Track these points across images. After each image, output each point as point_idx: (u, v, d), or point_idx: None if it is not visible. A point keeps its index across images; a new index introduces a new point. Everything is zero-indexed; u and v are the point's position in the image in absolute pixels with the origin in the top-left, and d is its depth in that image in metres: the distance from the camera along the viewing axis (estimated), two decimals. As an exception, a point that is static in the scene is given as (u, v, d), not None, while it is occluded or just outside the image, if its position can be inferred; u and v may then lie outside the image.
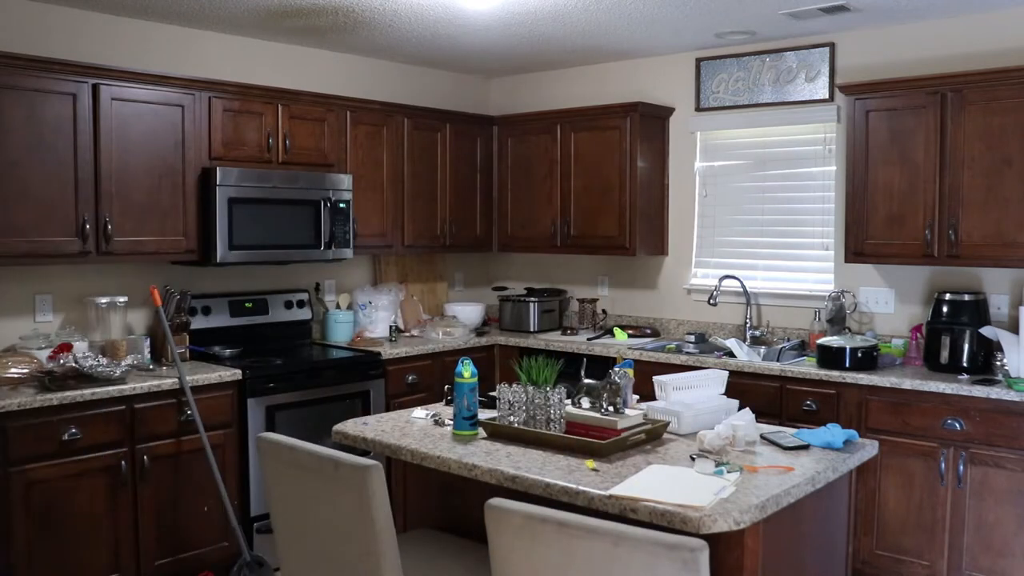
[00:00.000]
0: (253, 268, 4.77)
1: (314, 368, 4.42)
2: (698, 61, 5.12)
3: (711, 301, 4.88)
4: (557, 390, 2.79)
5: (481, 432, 2.86)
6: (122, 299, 4.16)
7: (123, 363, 3.80)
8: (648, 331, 5.22)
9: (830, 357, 4.12)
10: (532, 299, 5.46)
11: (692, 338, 4.84)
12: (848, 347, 4.08)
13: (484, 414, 2.95)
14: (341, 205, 4.66)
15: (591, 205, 5.21)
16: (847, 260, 4.35)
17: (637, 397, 3.07)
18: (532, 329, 5.42)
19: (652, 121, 5.18)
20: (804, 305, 4.76)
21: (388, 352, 4.74)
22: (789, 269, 4.90)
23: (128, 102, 3.95)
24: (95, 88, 3.84)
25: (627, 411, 2.81)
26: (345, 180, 4.71)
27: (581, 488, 2.31)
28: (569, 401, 2.90)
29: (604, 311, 5.48)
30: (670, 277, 5.34)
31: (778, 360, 4.39)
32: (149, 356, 4.12)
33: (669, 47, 5.06)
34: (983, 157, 3.90)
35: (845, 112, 4.43)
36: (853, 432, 2.80)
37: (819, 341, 4.24)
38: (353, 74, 5.27)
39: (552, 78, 5.80)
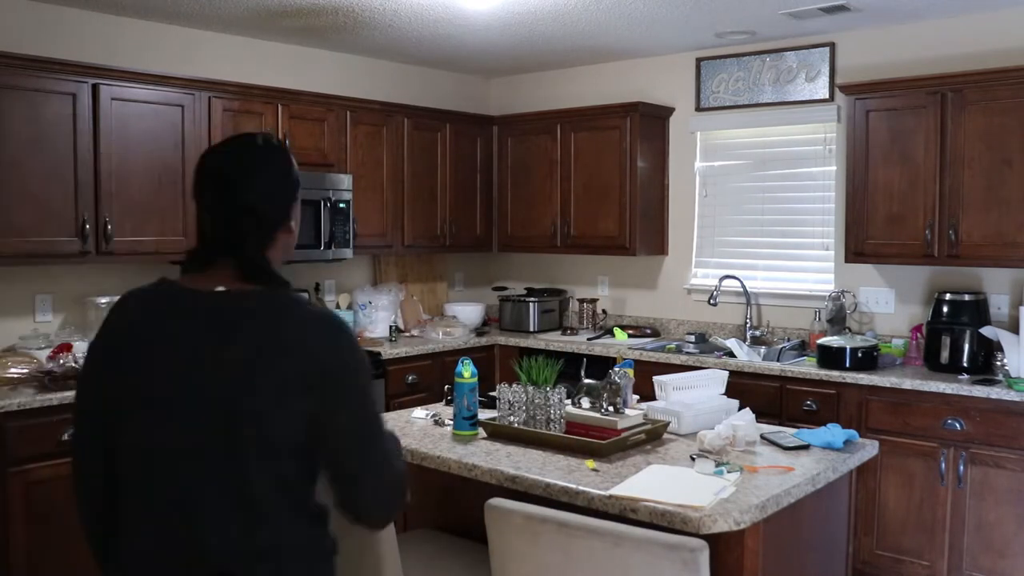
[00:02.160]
0: (253, 268, 4.76)
1: (314, 368, 4.41)
2: (698, 61, 5.12)
3: (711, 301, 4.88)
4: (557, 390, 2.79)
5: (481, 432, 2.86)
6: (122, 299, 4.15)
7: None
8: (648, 331, 5.22)
9: (830, 357, 4.12)
10: (532, 299, 5.46)
11: (692, 338, 4.84)
12: (848, 347, 4.08)
13: (484, 414, 2.95)
14: (341, 205, 4.66)
15: (591, 205, 5.21)
16: (847, 260, 4.35)
17: (637, 397, 3.07)
18: (532, 329, 5.42)
19: (652, 121, 5.18)
20: (804, 305, 4.76)
21: (388, 352, 4.74)
22: (789, 269, 4.90)
23: (128, 102, 3.95)
24: (95, 88, 3.84)
25: (627, 411, 2.80)
26: (345, 180, 4.70)
27: (581, 488, 2.31)
28: (569, 401, 2.90)
29: (604, 311, 5.48)
30: (670, 277, 5.34)
31: (778, 360, 4.39)
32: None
33: (669, 47, 5.06)
34: (983, 157, 3.90)
35: (845, 112, 4.43)
36: (853, 432, 2.80)
37: (819, 341, 4.24)
38: (353, 74, 5.27)
39: (552, 78, 5.80)
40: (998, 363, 3.93)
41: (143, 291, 1.69)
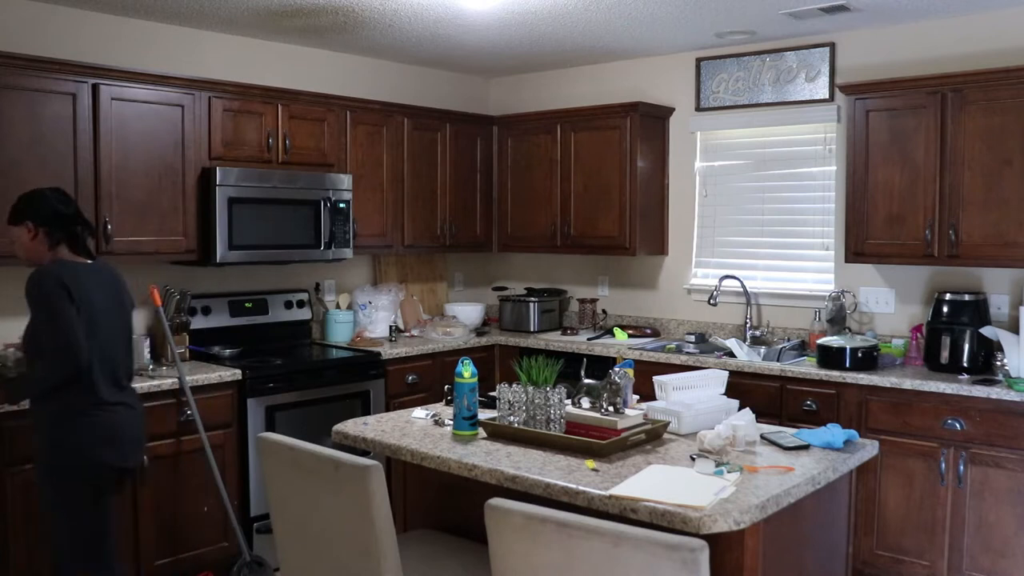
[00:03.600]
0: (253, 268, 4.77)
1: (314, 368, 4.42)
2: (698, 61, 5.12)
3: (711, 301, 4.88)
4: (557, 390, 2.79)
5: (481, 432, 2.86)
6: (122, 299, 4.15)
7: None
8: (648, 331, 5.22)
9: (830, 357, 4.12)
10: (532, 299, 5.46)
11: (692, 338, 4.84)
12: (848, 347, 4.08)
13: (484, 414, 2.95)
14: (341, 205, 4.66)
15: (591, 205, 5.21)
16: (847, 260, 4.35)
17: (637, 397, 3.07)
18: (532, 329, 5.42)
19: (652, 121, 5.18)
20: (804, 305, 4.76)
21: (388, 352, 4.74)
22: (789, 269, 4.90)
23: (128, 102, 3.95)
24: (95, 88, 3.84)
25: (627, 411, 2.80)
26: (345, 180, 4.70)
27: (581, 488, 2.31)
28: (569, 401, 2.90)
29: (604, 311, 5.48)
30: (670, 277, 5.34)
31: (778, 360, 4.39)
32: (149, 356, 4.12)
33: (669, 47, 5.06)
34: (983, 157, 3.90)
35: (845, 112, 4.43)
36: (853, 432, 2.80)
37: (819, 341, 4.24)
38: (353, 74, 5.27)
39: (552, 78, 5.80)
40: (998, 363, 3.93)
41: (60, 266, 3.06)
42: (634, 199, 5.05)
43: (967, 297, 4.06)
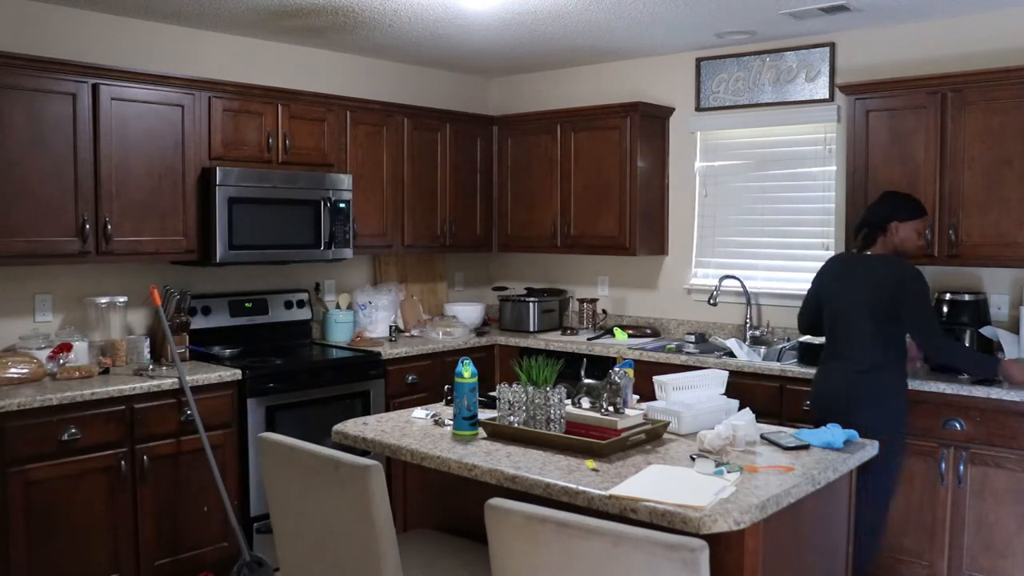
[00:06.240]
0: (253, 268, 4.77)
1: (314, 368, 4.42)
2: (698, 61, 5.12)
3: (711, 301, 4.88)
4: (557, 390, 2.79)
5: (481, 432, 2.86)
6: (122, 299, 4.16)
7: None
8: (648, 331, 5.22)
9: (830, 357, 4.11)
10: (532, 299, 5.46)
11: (692, 338, 4.83)
12: (848, 347, 4.07)
13: (484, 414, 2.95)
14: (341, 205, 4.66)
15: (591, 205, 5.21)
16: (847, 260, 4.35)
17: (637, 397, 3.07)
18: (532, 329, 5.42)
19: (652, 121, 5.18)
20: (804, 305, 4.75)
21: (388, 352, 4.74)
22: (789, 269, 4.90)
23: (128, 102, 3.95)
24: (95, 88, 3.84)
25: (627, 411, 2.80)
26: (345, 180, 4.71)
27: (581, 488, 2.31)
28: (569, 401, 2.90)
29: (604, 311, 5.48)
30: (670, 277, 5.34)
31: (778, 360, 4.39)
32: (149, 356, 4.12)
33: (669, 47, 5.06)
34: (983, 157, 3.90)
35: (845, 112, 4.43)
36: (853, 432, 2.80)
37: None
38: (353, 74, 5.27)
39: (552, 78, 5.80)
40: (998, 363, 3.93)
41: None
42: (634, 199, 5.05)
43: (967, 297, 4.06)
